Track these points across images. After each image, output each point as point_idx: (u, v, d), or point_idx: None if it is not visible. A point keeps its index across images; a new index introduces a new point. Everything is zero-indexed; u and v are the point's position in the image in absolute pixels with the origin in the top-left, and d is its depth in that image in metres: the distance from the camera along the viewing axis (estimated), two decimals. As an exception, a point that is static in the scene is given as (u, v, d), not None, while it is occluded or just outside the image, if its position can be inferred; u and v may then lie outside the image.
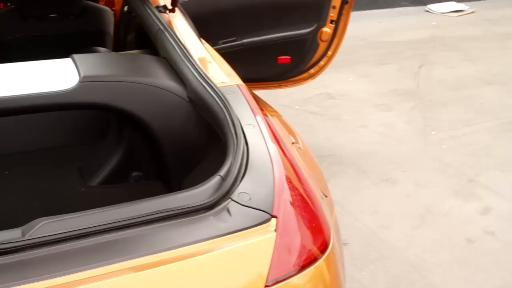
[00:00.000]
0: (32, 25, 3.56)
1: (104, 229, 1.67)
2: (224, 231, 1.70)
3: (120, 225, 1.68)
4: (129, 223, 1.69)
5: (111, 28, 3.78)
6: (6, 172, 2.76)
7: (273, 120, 2.44)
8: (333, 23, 4.32)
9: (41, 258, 1.59)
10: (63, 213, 1.76)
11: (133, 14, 3.59)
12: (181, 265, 1.64)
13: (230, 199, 1.78)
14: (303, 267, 1.75)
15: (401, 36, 8.28)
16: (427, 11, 9.66)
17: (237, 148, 1.93)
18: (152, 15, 2.78)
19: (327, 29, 4.34)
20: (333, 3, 4.26)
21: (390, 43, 8.00)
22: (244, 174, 1.86)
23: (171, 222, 1.72)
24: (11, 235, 1.66)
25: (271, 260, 1.68)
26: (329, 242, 1.88)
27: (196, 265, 1.66)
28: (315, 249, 1.81)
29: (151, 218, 1.71)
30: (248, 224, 1.73)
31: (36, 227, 1.66)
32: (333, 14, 4.30)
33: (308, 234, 1.84)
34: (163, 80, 2.40)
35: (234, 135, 1.99)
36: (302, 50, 4.45)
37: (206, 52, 2.67)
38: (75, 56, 2.40)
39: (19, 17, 3.53)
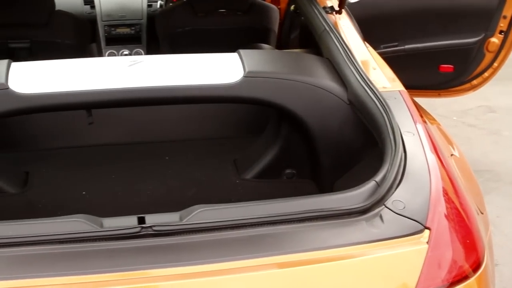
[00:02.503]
0: (202, 19, 3.70)
1: (258, 222, 1.70)
2: (375, 237, 1.69)
3: (273, 220, 1.71)
4: (282, 219, 1.72)
5: (276, 26, 3.84)
6: (167, 158, 2.89)
7: (433, 129, 2.39)
8: (502, 33, 4.14)
9: (196, 244, 1.66)
10: (216, 202, 1.83)
11: (298, 12, 3.63)
12: (329, 266, 1.65)
13: (383, 206, 1.76)
14: (452, 284, 1.69)
15: None
16: None
17: (394, 155, 1.90)
18: (318, 15, 2.80)
19: (495, 40, 4.16)
20: (504, 13, 4.08)
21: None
22: (400, 182, 1.84)
23: (323, 222, 1.73)
24: (169, 218, 1.74)
25: (421, 273, 1.64)
26: (483, 260, 1.80)
27: (344, 268, 1.66)
28: (467, 266, 1.74)
29: (304, 217, 1.73)
30: (400, 233, 1.70)
31: (194, 213, 1.73)
32: (503, 24, 4.11)
33: (461, 250, 1.78)
34: (325, 80, 2.41)
35: (392, 142, 1.96)
36: (467, 59, 4.29)
37: (370, 56, 2.65)
38: (242, 51, 2.46)
39: (191, 11, 3.67)
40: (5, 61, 2.34)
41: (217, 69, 2.39)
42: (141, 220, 1.72)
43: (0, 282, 1.54)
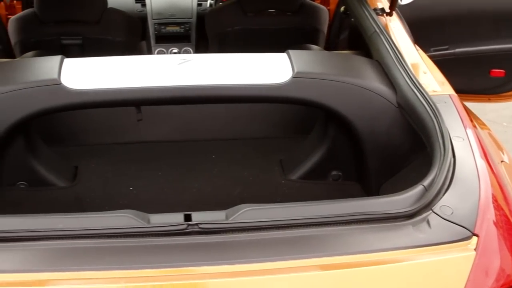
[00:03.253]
0: (251, 18, 3.71)
1: (303, 223, 1.71)
2: (421, 243, 1.67)
3: (318, 222, 1.71)
4: (327, 221, 1.72)
5: (325, 27, 3.83)
6: (213, 156, 2.91)
7: (483, 134, 2.35)
8: (557, 39, 4.05)
9: (241, 243, 1.67)
10: (261, 202, 1.83)
11: (348, 14, 3.62)
12: (374, 270, 1.64)
13: (431, 211, 1.74)
14: (499, 293, 1.67)
15: None
16: None
17: (443, 160, 1.88)
18: (368, 17, 2.78)
19: (549, 45, 4.08)
20: None
21: None
22: (448, 187, 1.81)
23: (369, 225, 1.72)
24: (215, 217, 1.76)
25: (467, 280, 1.62)
26: (532, 271, 1.77)
27: (389, 273, 1.65)
28: (515, 276, 1.72)
29: (350, 219, 1.72)
30: (447, 239, 1.68)
31: (240, 212, 1.74)
32: (558, 30, 4.03)
33: (509, 258, 1.75)
34: (374, 83, 2.39)
35: (441, 146, 1.94)
36: (519, 64, 4.22)
37: (420, 59, 2.63)
38: (291, 51, 2.46)
39: (240, 10, 3.69)
40: (58, 57, 2.38)
41: (265, 69, 2.40)
42: (188, 218, 1.73)
43: (49, 273, 1.57)
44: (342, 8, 3.82)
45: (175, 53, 4.10)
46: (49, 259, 1.62)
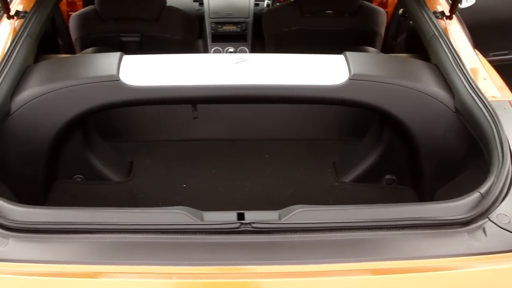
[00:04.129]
0: (308, 19, 3.70)
1: (357, 226, 1.70)
2: (476, 251, 1.65)
3: (372, 225, 1.70)
4: (381, 225, 1.71)
5: (382, 29, 3.79)
6: (267, 156, 2.91)
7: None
8: None
9: (293, 243, 1.67)
10: (314, 203, 1.83)
11: (407, 16, 3.58)
12: (427, 277, 1.62)
13: (487, 219, 1.72)
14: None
15: None
16: None
17: (501, 167, 1.84)
18: (428, 20, 2.74)
19: None
20: None
21: None
22: (506, 196, 1.78)
23: (423, 231, 1.71)
24: (268, 216, 1.76)
25: (524, 290, 1.60)
26: None
27: (443, 280, 1.63)
28: None
29: (404, 224, 1.71)
30: (504, 248, 1.65)
31: (293, 213, 1.74)
32: None
33: None
34: (431, 87, 2.36)
35: (500, 153, 1.90)
36: None
37: (479, 63, 2.58)
38: (348, 53, 2.45)
39: (298, 11, 3.68)
40: (118, 54, 2.42)
41: (322, 70, 2.39)
42: (241, 216, 1.74)
43: (103, 266, 1.60)
44: (400, 11, 3.78)
45: (231, 52, 4.12)
46: (104, 252, 1.65)
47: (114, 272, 1.59)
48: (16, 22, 2.78)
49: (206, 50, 4.16)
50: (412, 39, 3.32)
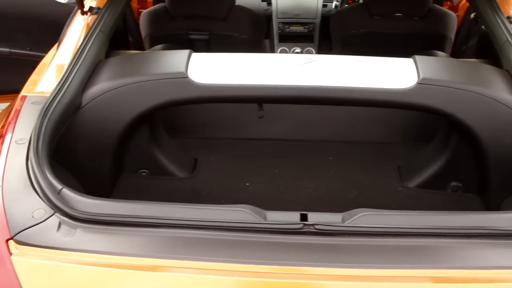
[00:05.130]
0: (377, 21, 3.66)
1: (421, 232, 1.68)
2: (545, 263, 1.60)
3: (436, 233, 1.68)
4: (446, 233, 1.68)
5: (452, 34, 3.72)
6: (330, 158, 2.90)
7: None
8: None
9: (356, 247, 1.66)
10: (377, 208, 1.81)
11: (478, 21, 3.50)
12: (493, 287, 1.58)
13: None
14: None
15: None
16: None
17: None
18: (501, 25, 2.68)
19: None
20: None
21: None
22: None
23: (490, 241, 1.67)
24: (332, 219, 1.75)
25: None
26: None
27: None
28: None
29: (469, 233, 1.68)
30: None
31: (357, 216, 1.73)
32: None
33: None
34: (503, 93, 2.31)
35: None
36: None
37: None
38: (417, 57, 2.42)
39: (367, 13, 3.65)
40: (187, 51, 2.45)
41: (390, 74, 2.37)
42: (304, 217, 1.74)
43: (165, 260, 1.63)
44: (472, 15, 3.70)
45: (297, 52, 4.12)
46: (167, 247, 1.67)
47: (177, 266, 1.61)
48: (89, 18, 2.85)
49: (272, 50, 4.18)
50: (484, 45, 3.25)
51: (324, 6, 4.26)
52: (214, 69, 2.40)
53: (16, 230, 1.67)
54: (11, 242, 1.65)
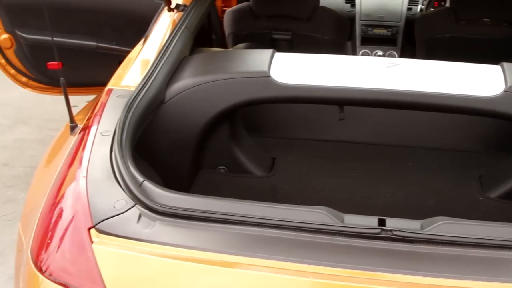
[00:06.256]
0: (464, 26, 3.58)
1: (504, 245, 1.62)
2: None
3: None
4: None
5: None
6: (409, 164, 2.86)
7: None
8: None
9: (435, 256, 1.62)
10: (456, 216, 1.77)
11: None
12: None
13: None
14: None
15: None
16: None
17: None
18: None
19: None
20: None
21: None
22: None
23: None
24: (410, 225, 1.72)
25: None
26: None
27: None
28: None
29: None
30: None
31: (436, 224, 1.69)
32: None
33: None
34: None
35: None
36: None
37: None
38: (505, 64, 2.35)
39: (453, 18, 3.58)
40: (270, 51, 2.46)
41: (475, 80, 2.31)
42: (382, 222, 1.72)
43: (241, 257, 1.63)
44: None
45: (379, 55, 4.08)
46: (244, 244, 1.68)
47: (252, 264, 1.62)
48: (175, 15, 2.90)
49: (354, 52, 4.15)
50: None
51: (409, 9, 4.20)
52: (297, 69, 2.40)
53: (98, 219, 1.71)
54: (93, 231, 1.69)
